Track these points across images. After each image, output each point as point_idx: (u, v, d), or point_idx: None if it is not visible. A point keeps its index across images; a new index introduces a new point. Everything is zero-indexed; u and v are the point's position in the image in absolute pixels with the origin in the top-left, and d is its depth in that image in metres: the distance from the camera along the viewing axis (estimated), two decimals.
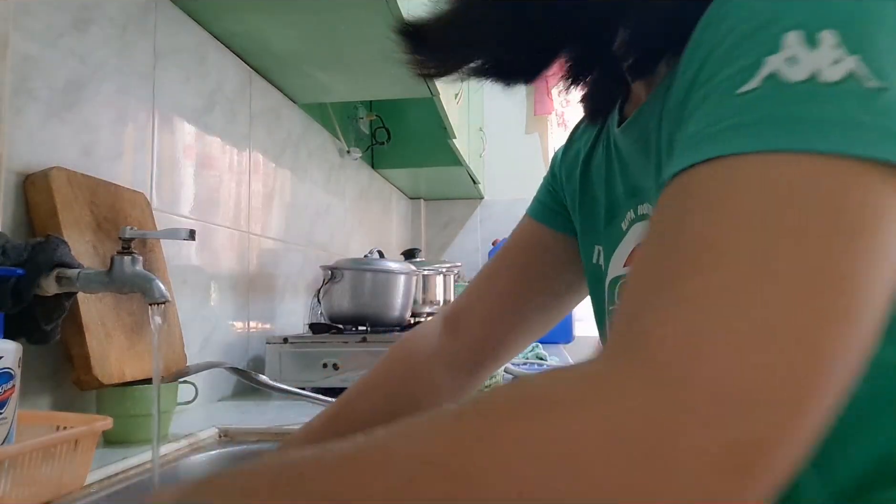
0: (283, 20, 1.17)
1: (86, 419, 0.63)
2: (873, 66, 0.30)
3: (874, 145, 0.28)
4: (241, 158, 1.35)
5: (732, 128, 0.31)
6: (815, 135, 0.29)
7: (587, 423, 0.25)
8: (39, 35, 0.81)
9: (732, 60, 0.32)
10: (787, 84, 0.30)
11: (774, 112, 0.30)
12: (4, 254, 0.69)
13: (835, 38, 0.30)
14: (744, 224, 0.28)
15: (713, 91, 0.33)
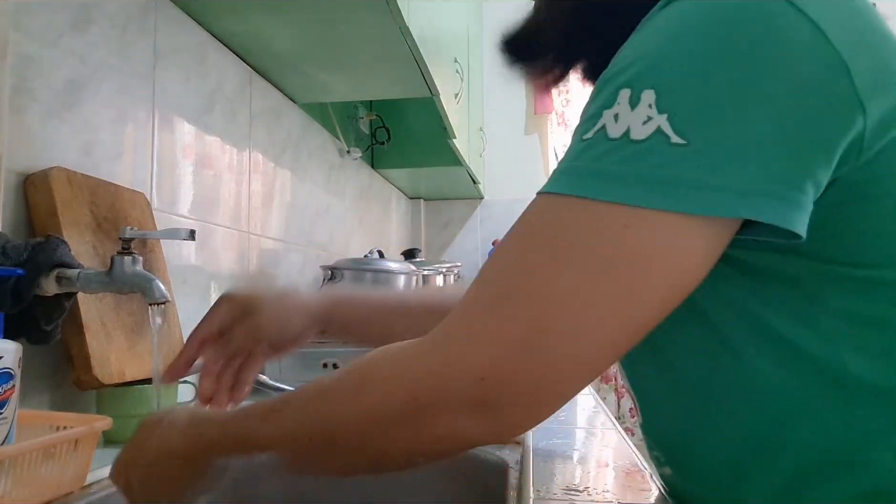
0: (283, 20, 1.17)
1: (86, 419, 0.63)
2: (677, 124, 0.35)
3: (653, 196, 0.35)
4: (241, 158, 1.35)
5: (563, 171, 0.40)
6: (606, 187, 0.36)
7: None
8: (39, 35, 0.81)
9: (591, 103, 0.40)
10: (608, 140, 0.37)
11: (589, 165, 0.38)
12: (4, 254, 0.69)
13: (652, 98, 0.36)
14: (507, 245, 0.41)
15: (577, 129, 0.41)
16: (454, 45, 1.97)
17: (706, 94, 0.35)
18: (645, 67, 0.37)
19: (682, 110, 0.35)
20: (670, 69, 0.36)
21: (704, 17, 0.37)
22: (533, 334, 0.37)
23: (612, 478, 0.67)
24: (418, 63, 1.37)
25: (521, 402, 0.38)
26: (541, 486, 0.63)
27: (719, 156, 0.35)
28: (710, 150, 0.35)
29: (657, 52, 0.37)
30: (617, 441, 0.84)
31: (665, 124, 0.35)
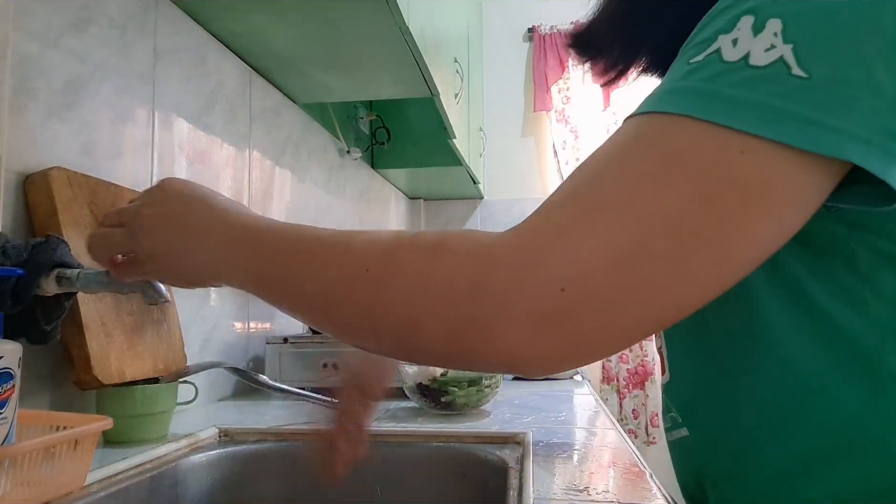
0: (283, 20, 1.17)
1: (86, 419, 0.63)
2: (802, 57, 0.34)
3: (769, 126, 0.33)
4: (242, 158, 1.35)
5: (668, 91, 0.37)
6: (718, 108, 0.34)
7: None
8: (39, 35, 0.81)
9: (701, 31, 0.38)
10: (722, 62, 0.35)
11: (700, 85, 0.36)
12: (4, 254, 0.69)
13: (778, 26, 0.35)
14: (604, 155, 0.38)
15: (682, 55, 0.39)
16: (454, 45, 1.97)
17: (835, 32, 0.34)
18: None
19: (808, 43, 0.34)
20: (794, 3, 0.35)
21: None
22: (632, 252, 0.34)
23: (612, 478, 0.67)
24: (418, 63, 1.37)
25: (598, 326, 0.34)
26: (541, 486, 0.63)
27: (838, 97, 0.34)
28: (831, 88, 0.34)
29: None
30: (617, 441, 0.84)
31: (789, 54, 0.34)
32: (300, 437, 0.91)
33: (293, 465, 0.88)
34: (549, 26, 3.17)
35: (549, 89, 3.15)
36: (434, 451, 0.85)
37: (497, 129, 3.19)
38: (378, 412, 1.04)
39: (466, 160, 2.32)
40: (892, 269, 0.41)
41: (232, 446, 0.88)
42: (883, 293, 0.42)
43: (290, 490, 0.88)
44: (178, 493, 0.79)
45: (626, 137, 0.37)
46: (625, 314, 0.35)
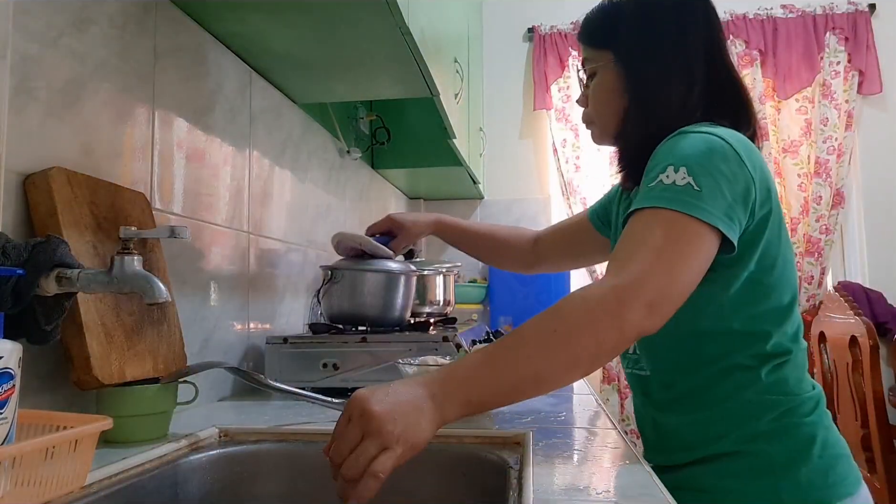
0: (283, 20, 1.17)
1: (86, 419, 0.63)
2: (697, 181, 0.77)
3: (685, 207, 0.76)
4: (241, 158, 1.35)
5: (642, 199, 0.80)
6: (664, 202, 0.77)
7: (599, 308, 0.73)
8: (39, 35, 0.81)
9: (650, 173, 0.82)
10: (663, 184, 0.79)
11: (656, 194, 0.79)
12: (4, 254, 0.69)
13: (685, 170, 0.79)
14: (633, 237, 0.78)
15: (644, 183, 0.83)
16: (454, 45, 1.97)
17: (709, 171, 0.78)
18: (679, 158, 0.80)
19: (699, 176, 0.78)
20: (691, 159, 0.79)
21: (702, 140, 0.82)
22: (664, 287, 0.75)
23: (612, 478, 0.67)
24: (418, 63, 1.37)
25: (664, 310, 0.74)
26: (541, 486, 0.63)
27: (713, 198, 0.77)
28: (709, 195, 0.77)
29: (683, 153, 0.81)
30: (617, 441, 0.84)
31: (692, 181, 0.78)
32: (300, 437, 0.91)
33: (293, 465, 0.88)
34: (549, 26, 3.17)
35: (548, 88, 3.15)
36: (434, 452, 0.84)
37: (497, 129, 3.19)
38: None
39: (466, 160, 2.32)
40: (760, 287, 0.87)
41: (232, 446, 0.88)
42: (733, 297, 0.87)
43: (290, 490, 0.88)
44: (178, 493, 0.79)
45: (637, 225, 0.79)
46: (673, 304, 0.75)
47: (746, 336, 0.87)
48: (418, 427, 0.65)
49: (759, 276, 0.86)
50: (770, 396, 0.86)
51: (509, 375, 0.70)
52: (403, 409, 0.65)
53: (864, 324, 2.20)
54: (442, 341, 1.22)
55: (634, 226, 0.79)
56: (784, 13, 3.06)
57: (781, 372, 0.87)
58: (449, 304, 1.89)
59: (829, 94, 2.98)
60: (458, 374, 0.70)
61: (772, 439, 0.85)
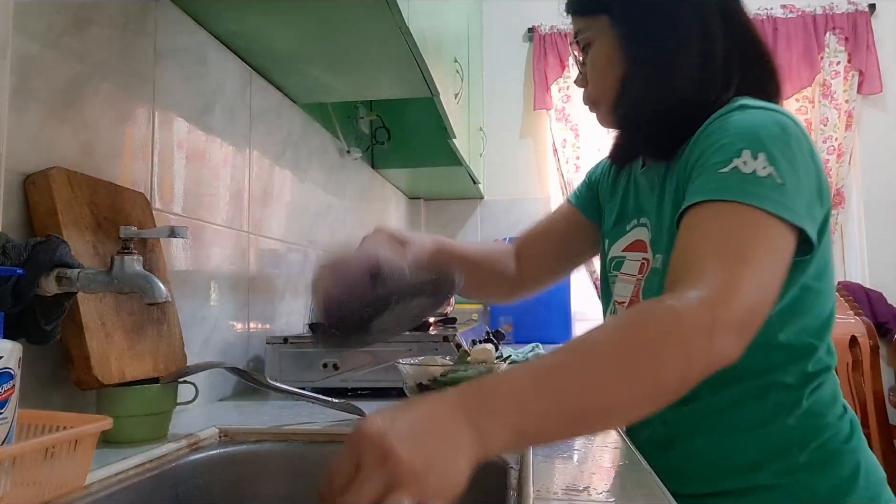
0: (283, 20, 1.17)
1: (86, 419, 0.63)
2: (779, 172, 0.67)
3: (772, 206, 0.65)
4: (241, 158, 1.35)
5: (714, 189, 0.68)
6: (747, 197, 0.65)
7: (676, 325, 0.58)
8: (39, 35, 0.81)
9: (717, 155, 0.70)
10: (741, 173, 0.67)
11: (732, 185, 0.67)
12: (4, 254, 0.69)
13: (765, 156, 0.67)
14: (713, 238, 0.65)
15: (707, 169, 0.70)
16: (454, 45, 1.97)
17: (790, 161, 0.68)
18: (753, 140, 0.69)
19: (780, 167, 0.67)
20: (768, 143, 0.68)
21: (773, 120, 0.71)
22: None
23: (612, 478, 0.67)
24: (418, 63, 1.37)
25: (751, 333, 0.61)
26: (541, 486, 0.63)
27: (798, 194, 0.67)
28: (792, 191, 0.67)
29: (755, 134, 0.69)
30: (617, 441, 0.84)
31: (774, 173, 0.67)
32: (300, 437, 0.91)
33: (293, 465, 0.88)
34: (549, 26, 3.17)
35: (549, 88, 3.15)
36: None
37: (497, 129, 3.19)
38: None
39: (466, 160, 2.32)
40: (811, 294, 0.78)
41: (232, 446, 0.88)
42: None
43: (290, 490, 0.88)
44: (178, 493, 0.79)
45: (715, 222, 0.66)
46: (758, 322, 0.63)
47: (792, 350, 0.76)
48: (457, 469, 0.47)
49: (813, 282, 0.76)
50: (812, 421, 0.76)
51: (573, 402, 0.53)
52: (438, 447, 0.46)
53: (864, 324, 2.20)
54: (442, 341, 1.22)
55: (711, 223, 0.66)
56: (784, 13, 3.06)
57: (821, 392, 0.78)
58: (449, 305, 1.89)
59: (829, 94, 2.98)
60: (507, 393, 0.51)
61: (815, 471, 0.75)
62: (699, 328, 0.57)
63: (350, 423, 0.95)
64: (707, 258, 0.63)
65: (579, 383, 0.54)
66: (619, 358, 0.56)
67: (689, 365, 0.56)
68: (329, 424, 0.95)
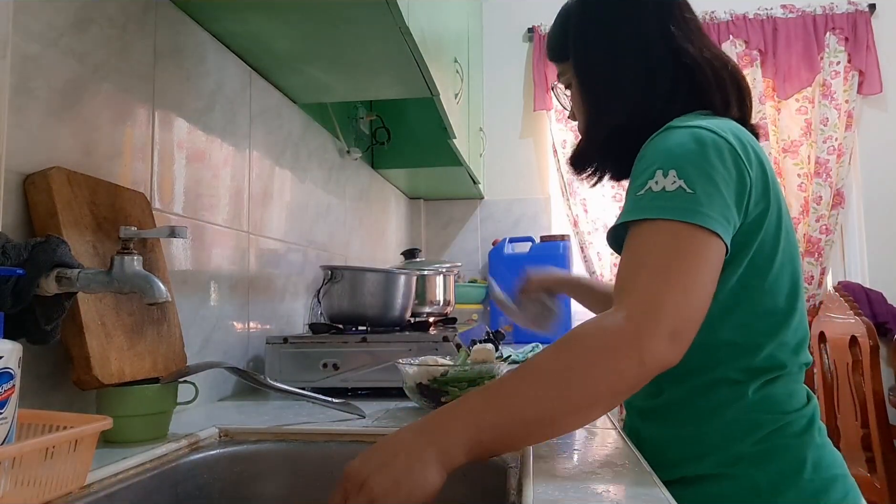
0: (283, 20, 1.17)
1: (86, 419, 0.63)
2: (689, 183, 0.72)
3: (682, 215, 0.70)
4: (241, 158, 1.35)
5: (630, 210, 0.75)
6: (657, 212, 0.71)
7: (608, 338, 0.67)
8: (39, 35, 0.81)
9: (637, 179, 0.76)
10: (652, 192, 0.73)
11: (645, 204, 0.73)
12: (4, 254, 0.69)
13: (674, 172, 0.73)
14: (635, 257, 0.72)
15: (629, 193, 0.77)
16: (454, 45, 1.97)
17: (700, 171, 0.73)
18: (666, 159, 0.74)
19: (690, 178, 0.72)
20: (680, 159, 0.74)
21: (689, 135, 0.76)
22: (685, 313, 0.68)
23: (612, 478, 0.67)
24: (418, 63, 1.37)
25: (686, 336, 0.67)
26: (541, 486, 0.63)
27: (710, 200, 0.71)
28: (705, 197, 0.71)
29: (670, 152, 0.75)
30: (617, 441, 0.84)
31: (683, 184, 0.72)
32: (300, 437, 0.91)
33: (293, 465, 0.88)
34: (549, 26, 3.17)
35: (549, 88, 3.15)
36: None
37: (497, 129, 3.19)
38: (380, 412, 1.04)
39: (466, 160, 2.32)
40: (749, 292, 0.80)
41: (232, 446, 0.88)
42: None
43: (290, 490, 0.88)
44: (178, 493, 0.79)
45: (635, 242, 0.73)
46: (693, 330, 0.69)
47: (733, 347, 0.80)
48: (424, 480, 0.60)
49: (750, 280, 0.79)
50: (756, 415, 0.79)
51: (518, 414, 0.65)
52: (403, 467, 0.60)
53: (864, 324, 2.20)
54: (442, 341, 1.22)
55: (633, 243, 0.73)
56: (784, 13, 3.06)
57: (772, 388, 0.80)
58: (449, 304, 1.89)
59: (829, 94, 2.98)
60: (459, 413, 0.65)
61: (756, 462, 0.78)
62: (625, 341, 0.65)
63: (350, 423, 0.95)
64: (631, 276, 0.70)
65: (520, 397, 0.65)
66: (553, 372, 0.66)
67: (620, 375, 0.65)
68: (329, 424, 0.95)
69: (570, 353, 0.67)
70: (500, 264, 2.89)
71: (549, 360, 0.67)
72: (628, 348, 0.65)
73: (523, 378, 0.67)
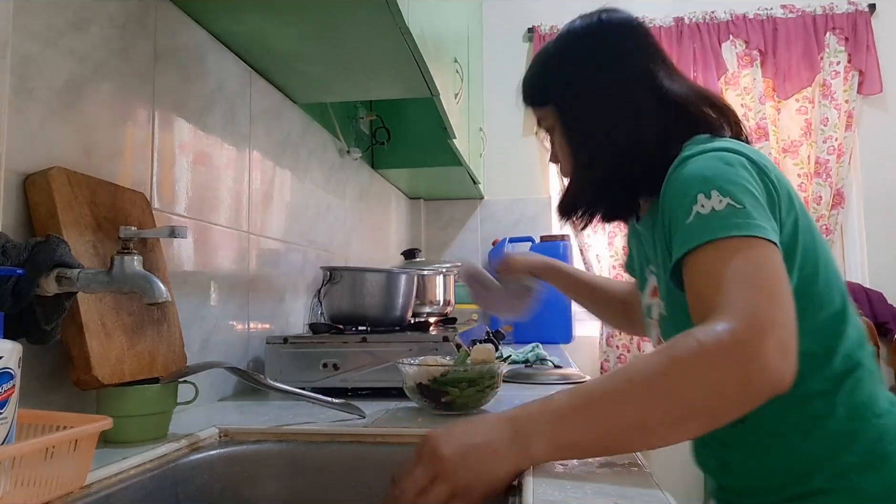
0: (283, 20, 1.17)
1: (86, 419, 0.63)
2: (736, 199, 0.71)
3: (746, 230, 0.69)
4: (241, 158, 1.35)
5: (687, 239, 0.72)
6: (720, 231, 0.70)
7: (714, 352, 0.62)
8: (39, 35, 0.81)
9: (680, 209, 0.75)
10: (702, 215, 0.72)
11: (702, 228, 0.71)
12: (4, 254, 0.69)
13: (716, 192, 0.72)
14: (712, 278, 0.69)
15: (677, 225, 0.75)
16: (454, 45, 1.97)
17: (737, 184, 0.73)
18: (703, 182, 0.74)
19: (734, 194, 0.72)
20: (717, 179, 0.74)
21: (713, 157, 0.77)
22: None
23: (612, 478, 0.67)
24: (418, 63, 1.37)
25: (792, 348, 0.63)
26: (541, 487, 0.63)
27: (758, 211, 0.71)
28: (753, 208, 0.71)
29: (703, 176, 0.75)
30: None
31: (730, 200, 0.71)
32: (300, 437, 0.91)
33: (293, 465, 0.88)
34: (549, 26, 3.17)
35: None
36: None
37: (497, 129, 3.19)
38: (380, 412, 1.04)
39: (466, 160, 2.32)
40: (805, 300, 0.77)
41: (232, 446, 0.88)
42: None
43: (290, 490, 0.88)
44: (178, 493, 0.79)
45: (705, 266, 0.70)
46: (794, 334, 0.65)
47: (811, 358, 0.77)
48: (493, 472, 0.61)
49: (805, 288, 0.78)
50: (852, 424, 0.78)
51: (610, 421, 0.63)
52: (477, 452, 0.61)
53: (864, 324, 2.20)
54: (442, 341, 1.22)
55: (702, 269, 0.70)
56: (784, 13, 3.06)
57: (859, 391, 0.79)
58: (449, 304, 1.89)
59: (829, 94, 2.98)
60: (548, 411, 0.64)
61: (863, 472, 0.77)
62: (726, 354, 0.61)
63: (350, 423, 0.95)
64: (716, 293, 0.66)
65: (610, 403, 0.63)
66: (647, 381, 0.63)
67: (719, 390, 0.61)
68: (329, 424, 0.95)
69: (669, 360, 0.63)
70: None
71: (647, 366, 0.63)
72: (730, 362, 0.61)
73: (613, 383, 0.64)
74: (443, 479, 0.60)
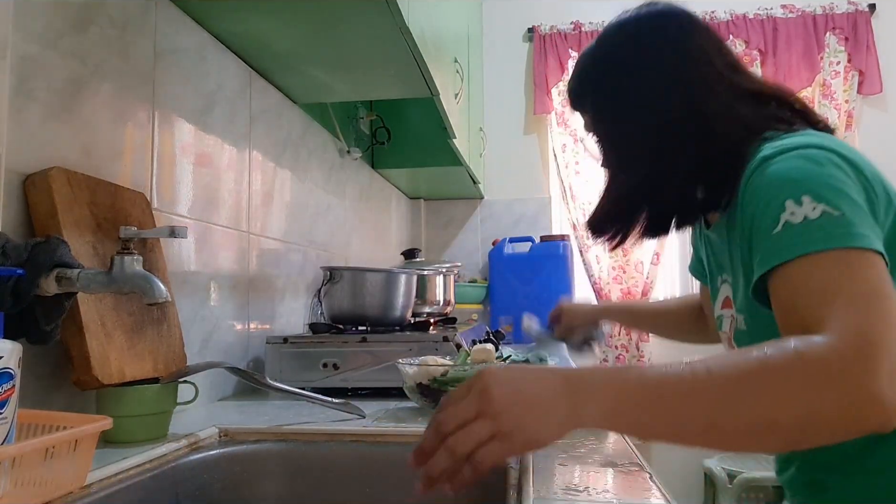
0: (283, 20, 1.17)
1: (86, 419, 0.63)
2: (832, 205, 0.63)
3: (846, 241, 0.61)
4: (241, 158, 1.35)
5: (777, 252, 0.64)
6: (817, 244, 0.62)
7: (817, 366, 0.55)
8: (39, 35, 0.81)
9: (765, 216, 0.67)
10: (793, 225, 0.64)
11: (794, 239, 0.63)
12: (4, 254, 0.69)
13: (808, 198, 0.64)
14: (813, 292, 0.61)
15: (763, 235, 0.67)
16: (454, 45, 1.97)
17: (832, 187, 0.64)
18: (792, 187, 0.65)
19: (830, 199, 0.63)
20: (807, 182, 0.65)
21: (798, 157, 0.68)
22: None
23: (612, 478, 0.67)
24: (418, 63, 1.37)
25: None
26: (541, 486, 0.63)
27: (859, 218, 0.63)
28: (853, 215, 0.63)
29: (791, 179, 0.66)
30: (617, 441, 0.84)
31: (827, 207, 0.63)
32: (300, 437, 0.91)
33: (293, 465, 0.88)
34: (549, 26, 3.17)
35: (549, 91, 3.14)
36: None
37: (497, 129, 3.18)
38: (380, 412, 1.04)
39: (466, 160, 2.32)
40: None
41: (232, 446, 0.88)
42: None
43: (290, 490, 0.88)
44: (178, 493, 0.79)
45: (803, 281, 0.62)
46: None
47: None
48: (540, 425, 0.55)
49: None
50: None
51: (677, 412, 0.56)
52: (527, 402, 0.56)
53: None
54: (442, 341, 1.22)
55: (797, 284, 0.62)
56: (784, 13, 3.06)
57: None
58: (449, 304, 1.89)
59: (829, 94, 2.98)
60: (615, 382, 0.57)
61: None
62: (826, 369, 0.54)
63: (350, 422, 0.95)
64: (816, 309, 0.59)
65: (684, 394, 0.56)
66: (730, 379, 0.55)
67: (811, 406, 0.54)
68: (329, 424, 0.95)
69: (759, 361, 0.56)
70: (501, 264, 2.89)
71: (730, 363, 0.57)
72: (835, 383, 0.54)
73: (692, 373, 0.57)
74: (487, 418, 0.55)
